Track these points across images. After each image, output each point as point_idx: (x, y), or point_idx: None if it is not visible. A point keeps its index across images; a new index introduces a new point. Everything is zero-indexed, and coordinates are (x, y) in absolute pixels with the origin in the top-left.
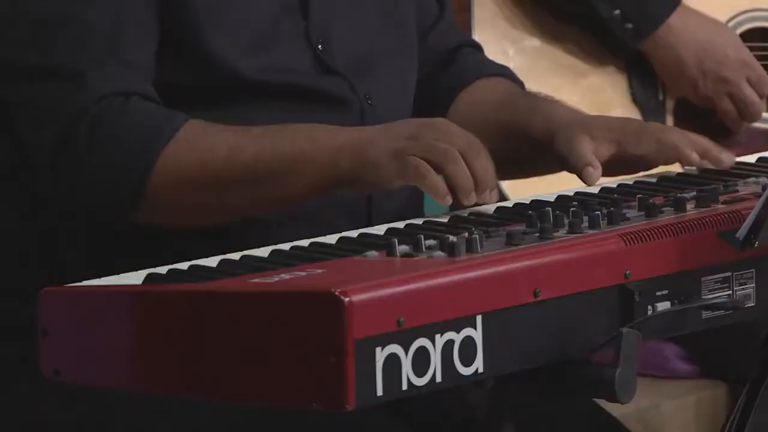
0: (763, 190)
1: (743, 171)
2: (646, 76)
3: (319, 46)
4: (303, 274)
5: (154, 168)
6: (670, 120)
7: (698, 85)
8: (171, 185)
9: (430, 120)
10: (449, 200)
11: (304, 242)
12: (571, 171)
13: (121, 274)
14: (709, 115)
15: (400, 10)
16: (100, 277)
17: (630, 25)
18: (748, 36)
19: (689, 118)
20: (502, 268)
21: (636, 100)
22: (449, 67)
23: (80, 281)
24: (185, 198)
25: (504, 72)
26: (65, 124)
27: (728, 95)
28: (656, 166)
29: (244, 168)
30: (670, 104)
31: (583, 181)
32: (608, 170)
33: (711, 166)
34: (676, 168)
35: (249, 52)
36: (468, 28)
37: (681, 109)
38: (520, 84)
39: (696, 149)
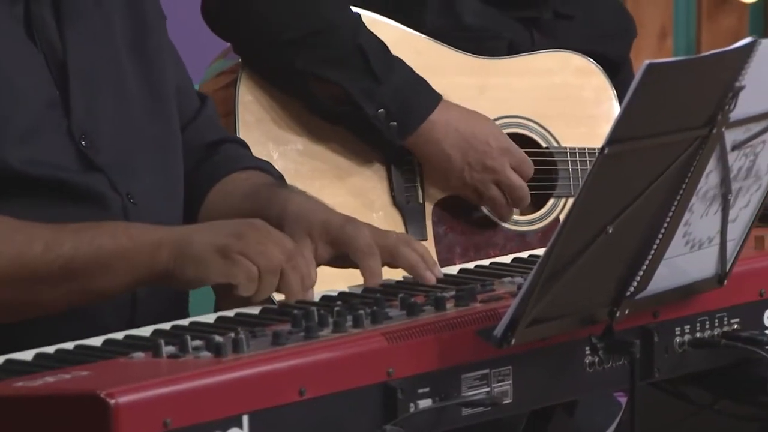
0: (518, 289)
1: (499, 271)
2: (407, 179)
3: (83, 143)
4: (68, 376)
5: None
6: (429, 223)
7: (465, 177)
8: None
9: (251, 220)
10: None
11: (69, 345)
12: None
13: None
14: (468, 216)
15: (165, 106)
16: None
17: (395, 123)
18: None
19: (448, 220)
20: (268, 367)
21: (396, 203)
22: (207, 161)
23: None
24: None
25: (263, 166)
26: None
27: (494, 182)
28: None
29: (62, 263)
30: (429, 207)
31: None
32: (334, 264)
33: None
34: None
35: (14, 143)
36: (234, 131)
37: (440, 212)
38: (280, 177)
39: (403, 265)
